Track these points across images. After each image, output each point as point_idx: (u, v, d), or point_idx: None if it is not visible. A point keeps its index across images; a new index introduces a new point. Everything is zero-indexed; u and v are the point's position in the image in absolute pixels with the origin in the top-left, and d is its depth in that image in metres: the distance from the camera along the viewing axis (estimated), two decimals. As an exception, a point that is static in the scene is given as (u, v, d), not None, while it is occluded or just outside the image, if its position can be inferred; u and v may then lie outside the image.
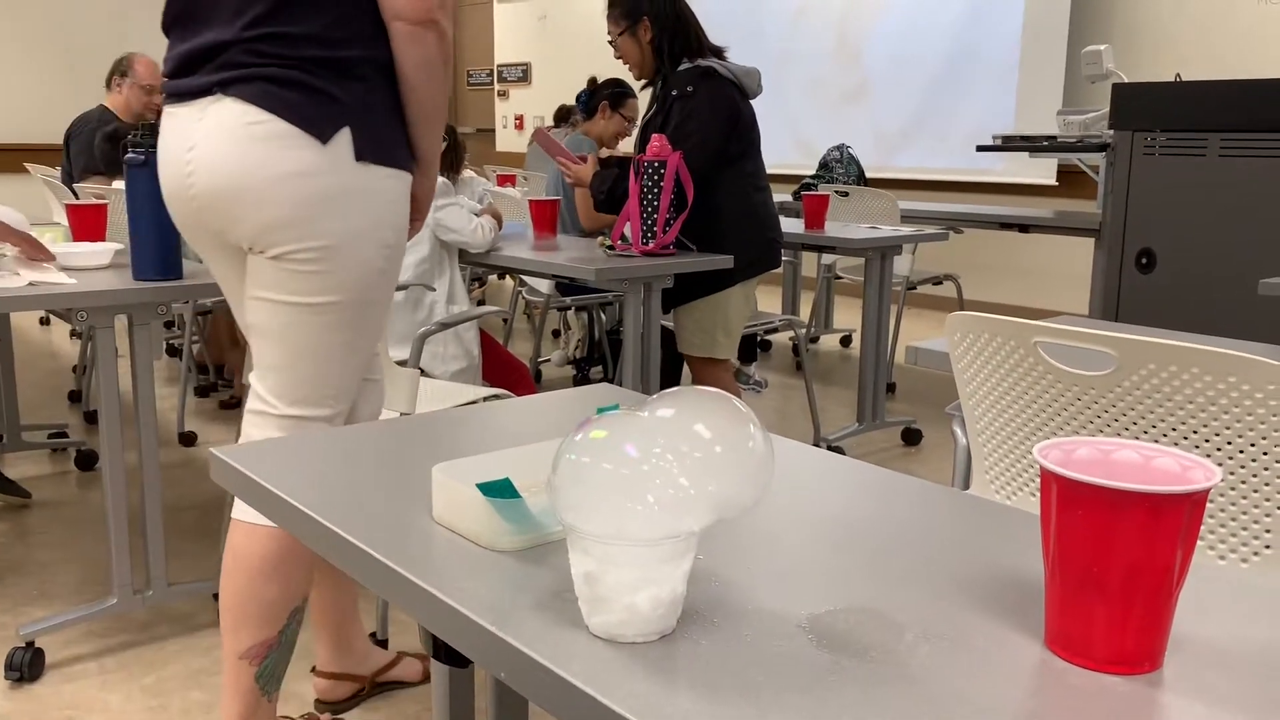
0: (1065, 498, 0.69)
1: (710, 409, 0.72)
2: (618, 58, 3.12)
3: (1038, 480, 1.40)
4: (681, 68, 3.01)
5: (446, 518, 0.90)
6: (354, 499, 0.96)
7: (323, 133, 1.53)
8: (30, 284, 2.17)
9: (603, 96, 4.03)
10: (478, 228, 2.87)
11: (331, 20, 1.54)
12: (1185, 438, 1.21)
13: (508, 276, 6.76)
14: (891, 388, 4.68)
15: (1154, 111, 3.77)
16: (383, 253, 1.64)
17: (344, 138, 1.55)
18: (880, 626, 0.75)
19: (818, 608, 0.77)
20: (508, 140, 9.91)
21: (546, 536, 0.87)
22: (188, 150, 1.58)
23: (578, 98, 4.48)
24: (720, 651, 0.70)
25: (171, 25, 1.66)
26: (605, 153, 4.01)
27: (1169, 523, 0.67)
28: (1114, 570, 0.68)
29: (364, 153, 1.57)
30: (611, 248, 2.98)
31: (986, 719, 0.63)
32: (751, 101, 3.06)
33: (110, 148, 3.74)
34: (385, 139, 1.60)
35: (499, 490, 0.84)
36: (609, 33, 3.10)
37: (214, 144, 1.55)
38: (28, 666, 2.17)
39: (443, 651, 1.00)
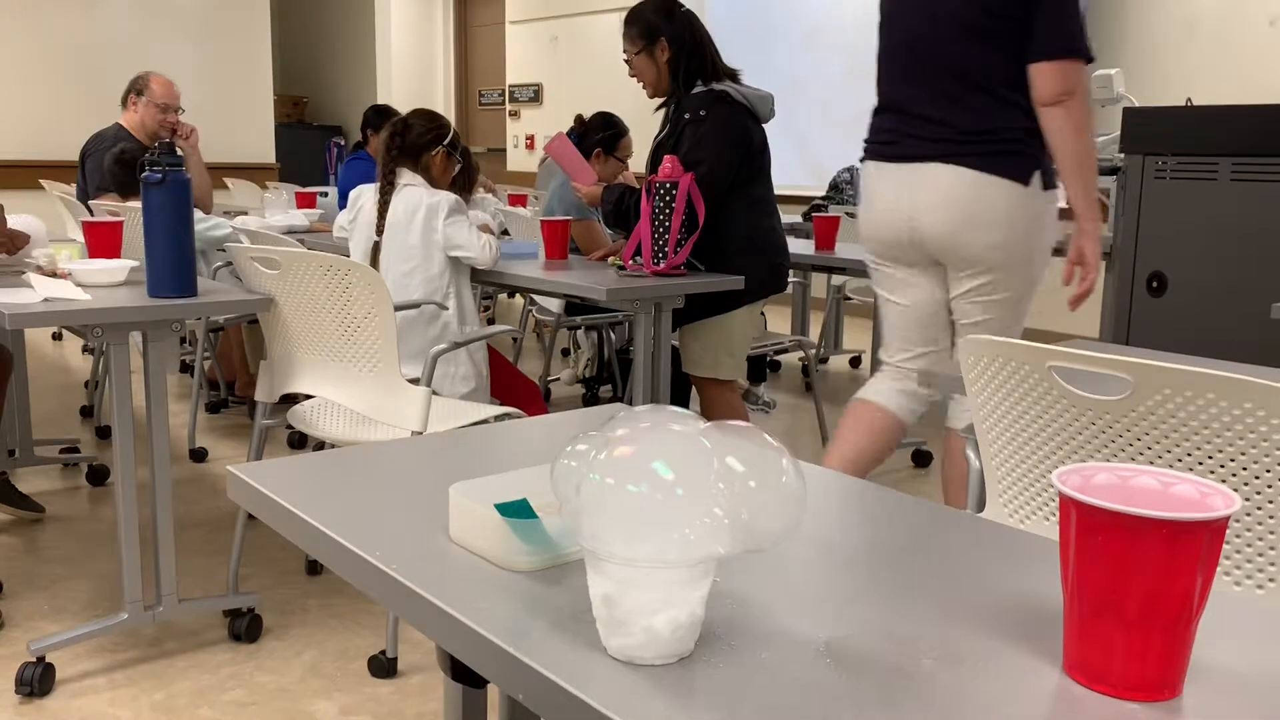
0: (1084, 524, 0.69)
1: (743, 443, 0.72)
2: (632, 75, 3.13)
3: (1053, 505, 1.39)
4: (695, 90, 3.02)
5: (463, 538, 0.90)
6: (371, 518, 0.96)
7: (1025, 178, 2.25)
8: (45, 300, 2.18)
9: (595, 141, 3.97)
10: (486, 245, 2.88)
11: (1005, 102, 2.25)
12: (1200, 463, 1.21)
13: (517, 295, 6.77)
14: (901, 409, 4.67)
15: (1165, 135, 3.77)
16: (1046, 258, 2.37)
17: (1036, 177, 2.26)
18: (898, 651, 0.75)
19: (835, 631, 0.77)
20: (519, 160, 9.96)
21: (564, 557, 0.87)
22: (910, 202, 2.33)
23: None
24: (738, 675, 0.70)
25: (887, 108, 2.44)
26: (619, 180, 4.01)
27: (1188, 549, 0.67)
28: (1133, 597, 0.68)
29: (1047, 182, 2.28)
30: (623, 267, 2.99)
31: (1006, 745, 0.63)
32: (764, 125, 3.08)
33: (120, 170, 3.75)
34: (1049, 171, 2.28)
35: (516, 510, 0.84)
36: (625, 51, 3.11)
37: (945, 196, 2.28)
38: (38, 681, 2.17)
39: (459, 671, 1.01)
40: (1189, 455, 1.22)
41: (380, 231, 2.88)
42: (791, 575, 0.88)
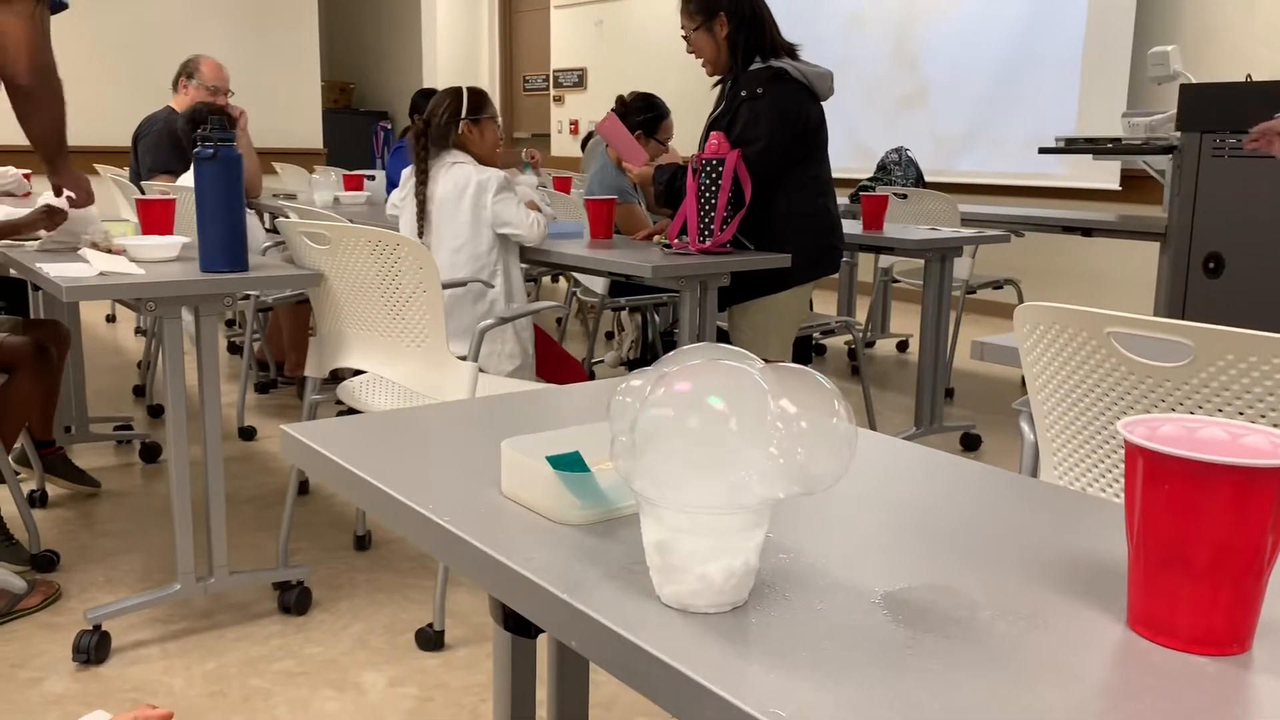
0: (1151, 472, 0.67)
1: (795, 384, 0.71)
2: (690, 53, 3.10)
3: (1111, 475, 1.37)
4: (753, 67, 2.98)
5: (515, 492, 0.90)
6: (423, 475, 0.97)
7: None
8: (101, 274, 2.22)
9: (635, 123, 3.92)
10: (534, 222, 2.88)
11: None
12: (1264, 431, 1.18)
13: (560, 278, 6.78)
14: (950, 393, 4.63)
15: (1223, 113, 3.68)
16: None
17: None
18: (956, 604, 0.73)
19: (891, 584, 0.76)
20: (563, 145, 9.96)
21: (616, 511, 0.86)
22: None
23: None
24: (793, 623, 0.70)
25: None
26: (664, 159, 3.99)
27: (1260, 499, 0.65)
28: (1201, 548, 0.66)
29: None
30: (669, 245, 2.98)
31: (1069, 696, 0.62)
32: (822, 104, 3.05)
33: (193, 129, 3.75)
34: None
35: (569, 464, 0.84)
36: (683, 28, 3.07)
37: None
38: (94, 649, 2.21)
39: (511, 621, 1.01)
40: (1252, 423, 1.19)
41: (420, 219, 2.90)
42: (846, 530, 0.87)
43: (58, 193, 2.58)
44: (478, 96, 2.98)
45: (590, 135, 6.08)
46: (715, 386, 0.66)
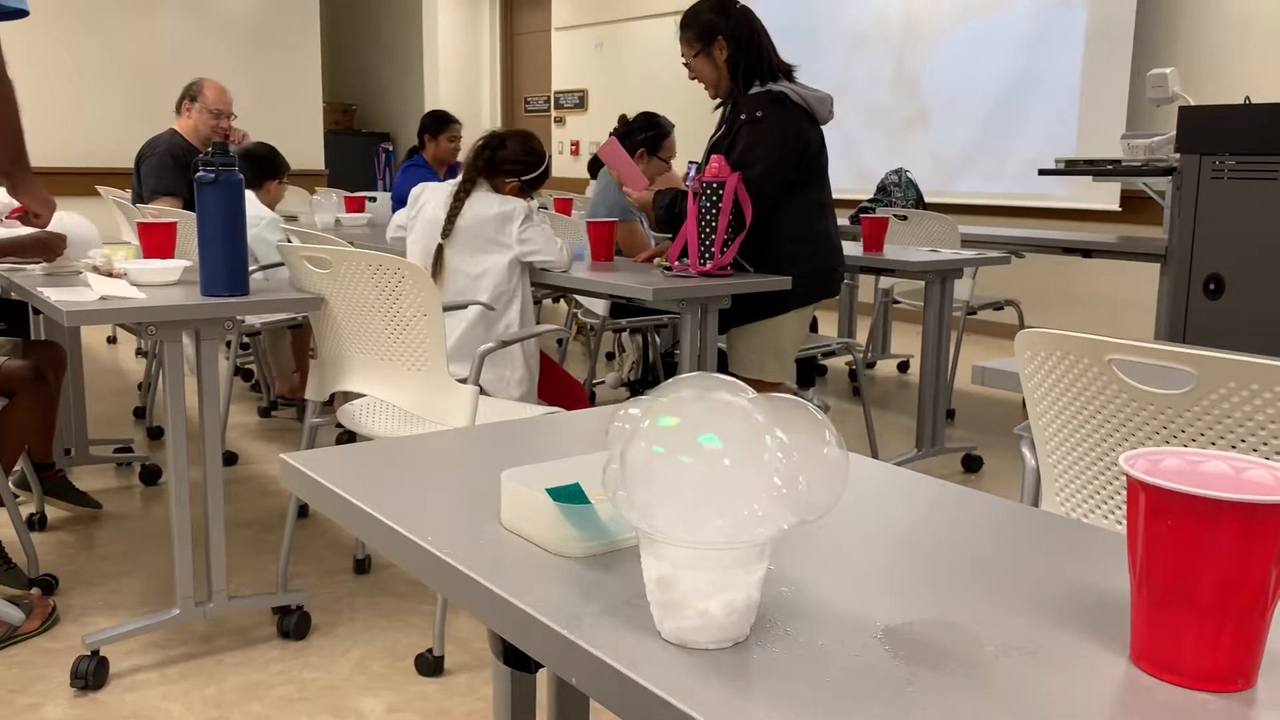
0: (1154, 507, 0.67)
1: (786, 414, 0.71)
2: (693, 79, 3.11)
3: (1112, 502, 1.36)
4: (753, 91, 2.99)
5: (515, 523, 0.89)
6: (421, 505, 0.96)
7: None
8: (102, 298, 2.22)
9: (638, 142, 3.93)
10: (562, 248, 2.90)
11: None
12: (1267, 459, 1.18)
13: (561, 300, 6.78)
14: (951, 414, 4.62)
15: (1222, 135, 3.69)
16: None
17: None
18: (958, 639, 0.73)
19: (893, 619, 0.76)
20: (563, 166, 9.99)
21: (616, 543, 0.86)
22: None
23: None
24: (795, 660, 0.69)
25: None
26: (663, 181, 4.00)
27: (1264, 534, 0.65)
28: (1205, 583, 0.66)
29: None
30: (669, 268, 2.98)
31: (1073, 733, 0.61)
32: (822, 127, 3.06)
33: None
34: None
35: (569, 496, 0.84)
36: (683, 55, 3.08)
37: None
38: (92, 675, 2.20)
39: (511, 656, 1.00)
40: (1254, 451, 1.18)
41: (446, 235, 2.89)
42: (847, 563, 0.87)
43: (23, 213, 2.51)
44: (545, 177, 3.01)
45: (595, 159, 6.10)
46: (709, 422, 0.66)
